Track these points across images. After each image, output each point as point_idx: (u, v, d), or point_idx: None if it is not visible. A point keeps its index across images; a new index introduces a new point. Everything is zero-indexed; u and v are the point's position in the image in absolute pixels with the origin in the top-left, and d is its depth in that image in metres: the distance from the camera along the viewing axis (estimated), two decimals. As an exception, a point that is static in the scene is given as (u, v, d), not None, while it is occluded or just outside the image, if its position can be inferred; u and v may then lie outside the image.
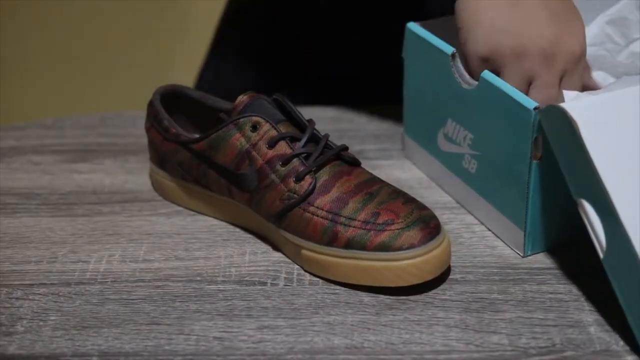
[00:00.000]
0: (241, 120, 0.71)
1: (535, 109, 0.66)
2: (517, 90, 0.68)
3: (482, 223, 0.74)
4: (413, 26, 0.78)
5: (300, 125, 0.72)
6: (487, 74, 0.70)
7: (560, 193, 0.67)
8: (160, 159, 0.77)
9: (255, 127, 0.71)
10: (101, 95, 1.75)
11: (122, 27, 1.78)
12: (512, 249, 0.71)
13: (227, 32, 1.00)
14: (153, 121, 0.76)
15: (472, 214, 0.75)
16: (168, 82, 0.80)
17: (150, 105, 0.77)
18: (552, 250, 0.71)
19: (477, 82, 0.71)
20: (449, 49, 0.74)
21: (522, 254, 0.70)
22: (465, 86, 0.73)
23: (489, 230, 0.73)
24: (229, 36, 0.99)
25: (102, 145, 0.86)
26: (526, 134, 0.67)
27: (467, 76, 0.72)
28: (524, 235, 0.70)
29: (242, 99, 0.72)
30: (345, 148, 0.71)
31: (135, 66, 1.77)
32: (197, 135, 0.74)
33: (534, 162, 0.67)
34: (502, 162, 0.70)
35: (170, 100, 0.78)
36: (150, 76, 1.40)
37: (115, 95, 1.73)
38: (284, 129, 0.71)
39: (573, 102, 0.65)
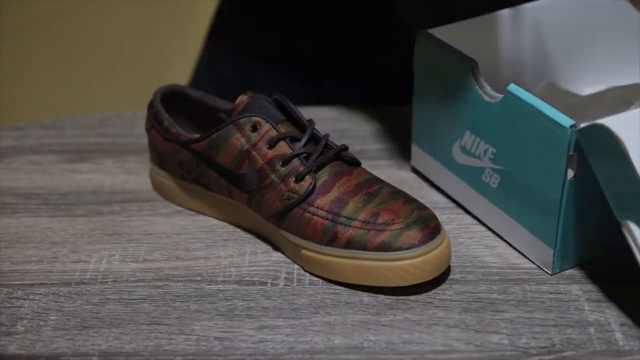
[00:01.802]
0: (241, 120, 0.71)
1: (571, 127, 0.63)
2: (549, 106, 0.64)
3: (502, 239, 0.72)
4: (427, 34, 0.73)
5: (300, 125, 0.72)
6: (513, 88, 0.67)
7: (591, 211, 0.65)
8: (160, 159, 0.77)
9: (255, 127, 0.70)
10: (101, 95, 1.76)
11: (122, 27, 1.78)
12: (538, 266, 0.69)
13: (224, 30, 1.00)
14: (153, 121, 0.76)
15: (491, 230, 0.73)
16: (168, 82, 0.80)
17: (150, 105, 0.77)
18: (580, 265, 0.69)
19: (501, 96, 0.68)
20: (469, 58, 0.70)
21: (550, 272, 0.68)
22: (487, 99, 0.69)
23: (510, 245, 0.71)
24: (227, 35, 0.99)
25: (102, 145, 0.86)
26: (560, 152, 0.63)
27: (488, 88, 0.69)
28: (554, 253, 0.67)
29: (242, 99, 0.72)
30: (346, 148, 0.71)
31: (135, 66, 1.77)
32: (197, 135, 0.74)
33: (568, 180, 0.64)
34: (530, 179, 0.67)
35: (170, 100, 0.78)
36: (150, 76, 1.40)
37: (115, 95, 1.73)
38: (284, 129, 0.71)
39: (614, 119, 0.61)
